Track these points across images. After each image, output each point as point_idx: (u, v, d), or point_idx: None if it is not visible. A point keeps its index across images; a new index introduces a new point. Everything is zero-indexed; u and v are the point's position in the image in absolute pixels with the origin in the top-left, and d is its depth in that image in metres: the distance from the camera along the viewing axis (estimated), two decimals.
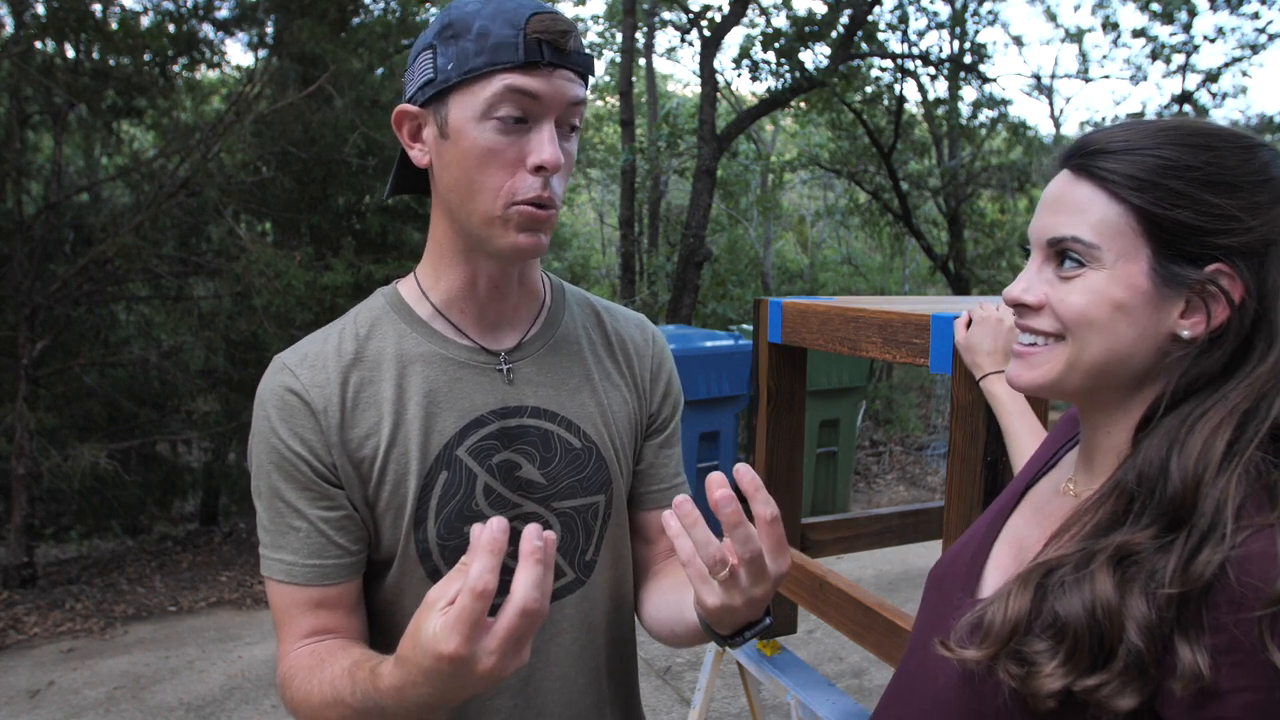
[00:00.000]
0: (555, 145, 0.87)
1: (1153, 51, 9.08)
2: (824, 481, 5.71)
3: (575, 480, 1.00)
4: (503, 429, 0.96)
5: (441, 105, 0.89)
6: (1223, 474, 0.65)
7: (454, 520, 0.93)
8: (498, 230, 0.89)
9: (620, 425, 1.05)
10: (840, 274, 14.02)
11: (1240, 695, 0.59)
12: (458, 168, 0.89)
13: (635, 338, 1.10)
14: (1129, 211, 0.71)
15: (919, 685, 0.83)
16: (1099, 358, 0.73)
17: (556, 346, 1.03)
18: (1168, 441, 0.69)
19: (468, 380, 0.96)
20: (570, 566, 1.01)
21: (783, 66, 7.98)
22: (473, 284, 0.96)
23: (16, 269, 4.29)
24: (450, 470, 0.93)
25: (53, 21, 4.25)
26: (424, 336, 0.96)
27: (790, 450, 2.16)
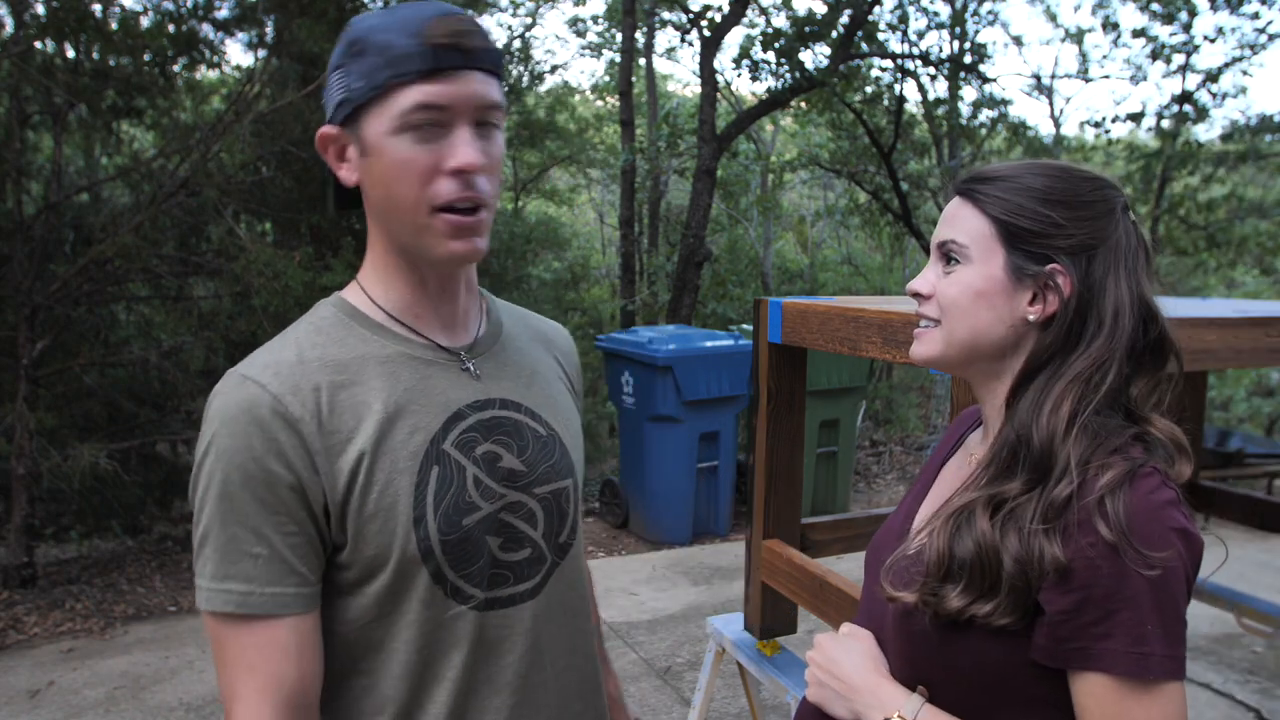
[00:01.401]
0: (472, 146, 0.87)
1: (1153, 51, 9.07)
2: (824, 481, 5.70)
3: (549, 466, 1.02)
4: (480, 421, 0.97)
5: (357, 123, 0.89)
6: (1069, 433, 0.86)
7: (452, 513, 0.93)
8: (429, 240, 0.89)
9: (568, 414, 1.10)
10: (840, 274, 14.01)
11: (1085, 554, 0.81)
12: (381, 183, 0.89)
13: (556, 335, 1.18)
14: (990, 221, 0.93)
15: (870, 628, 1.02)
16: (966, 335, 0.94)
17: (505, 343, 1.06)
18: (1031, 407, 0.89)
19: (438, 378, 0.97)
20: (550, 550, 1.03)
21: (783, 66, 7.97)
22: (422, 289, 0.97)
23: (16, 269, 4.29)
24: (441, 464, 0.93)
25: (53, 21, 4.25)
26: (387, 340, 0.96)
27: (790, 450, 2.16)
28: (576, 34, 14.02)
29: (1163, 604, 0.80)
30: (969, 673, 0.89)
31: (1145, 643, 0.80)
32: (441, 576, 0.93)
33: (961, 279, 0.94)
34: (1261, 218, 9.13)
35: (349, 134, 0.90)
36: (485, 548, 0.96)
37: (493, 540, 0.97)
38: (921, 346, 0.99)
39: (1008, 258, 0.92)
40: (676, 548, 5.21)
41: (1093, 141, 11.52)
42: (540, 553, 1.01)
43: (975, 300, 0.93)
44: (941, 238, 0.97)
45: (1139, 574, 0.80)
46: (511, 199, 14.20)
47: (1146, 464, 0.85)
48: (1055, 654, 0.84)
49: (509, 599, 0.98)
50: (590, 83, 18.05)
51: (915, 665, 0.94)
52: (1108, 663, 0.81)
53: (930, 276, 0.98)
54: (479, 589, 0.95)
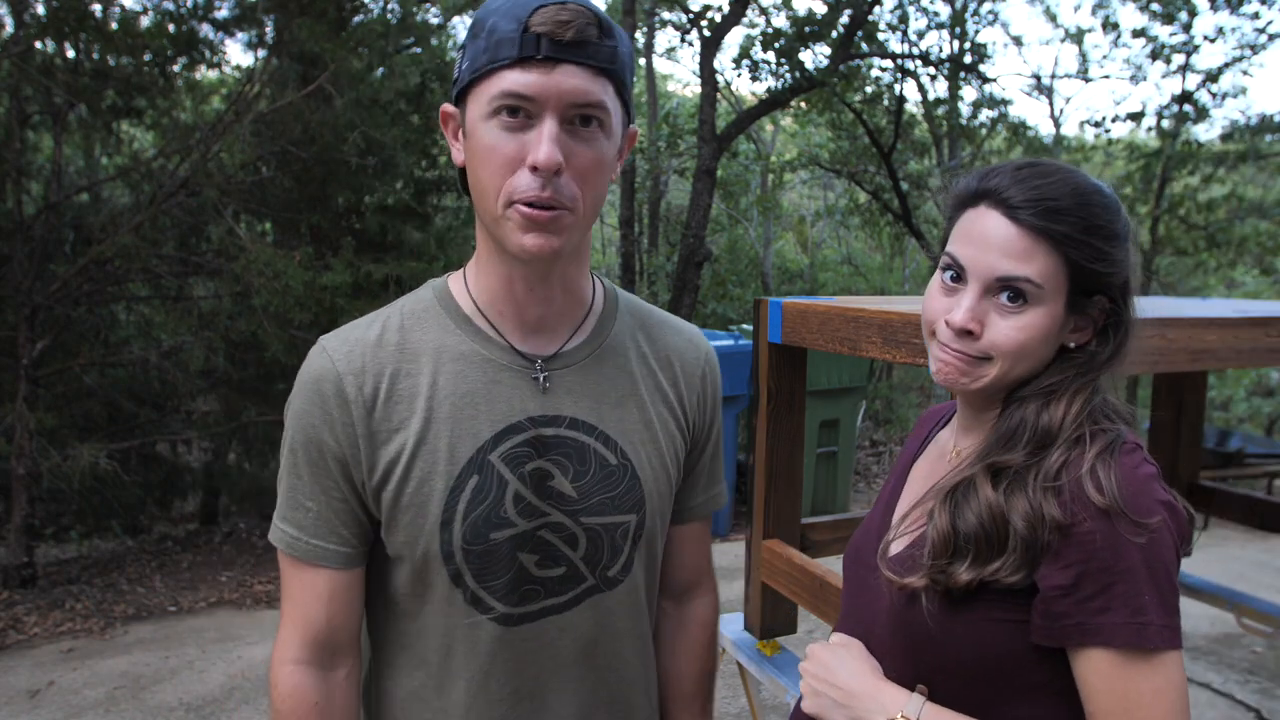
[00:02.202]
0: (553, 144, 0.83)
1: (1153, 51, 9.07)
2: (824, 481, 5.70)
3: (607, 497, 0.97)
4: (538, 437, 0.94)
5: (464, 104, 0.89)
6: (1077, 418, 0.90)
7: (480, 525, 0.92)
8: (504, 230, 0.87)
9: (662, 444, 1.02)
10: (840, 274, 14.02)
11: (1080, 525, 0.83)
12: (473, 168, 0.88)
13: (686, 353, 1.07)
14: (1064, 263, 0.89)
15: (860, 628, 1.02)
16: (1023, 373, 0.93)
17: (602, 357, 1.00)
18: (1039, 407, 0.91)
19: (506, 384, 0.94)
20: (590, 573, 0.99)
21: (783, 66, 7.98)
22: (509, 285, 0.94)
23: (16, 269, 4.29)
24: (481, 474, 0.92)
25: (53, 21, 4.25)
26: (467, 334, 0.95)
27: (790, 450, 2.16)
28: None
29: (1156, 573, 0.82)
30: (969, 663, 0.89)
31: (1144, 613, 0.81)
32: (461, 581, 0.93)
33: (1033, 324, 0.90)
34: (1261, 218, 9.13)
35: (460, 113, 0.90)
36: (515, 563, 0.94)
37: (527, 556, 0.95)
38: (965, 378, 0.93)
39: (1070, 295, 0.91)
40: None
41: (1093, 141, 11.53)
42: (577, 572, 0.98)
43: (1042, 343, 0.91)
44: (1008, 273, 0.89)
45: (1133, 544, 0.81)
46: None
47: (1124, 437, 0.89)
48: (1054, 632, 0.85)
49: (539, 613, 0.97)
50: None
51: (914, 661, 0.93)
52: (1107, 636, 0.82)
53: (977, 312, 0.91)
54: (502, 603, 0.95)
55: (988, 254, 0.90)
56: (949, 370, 0.94)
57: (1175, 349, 1.61)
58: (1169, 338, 1.60)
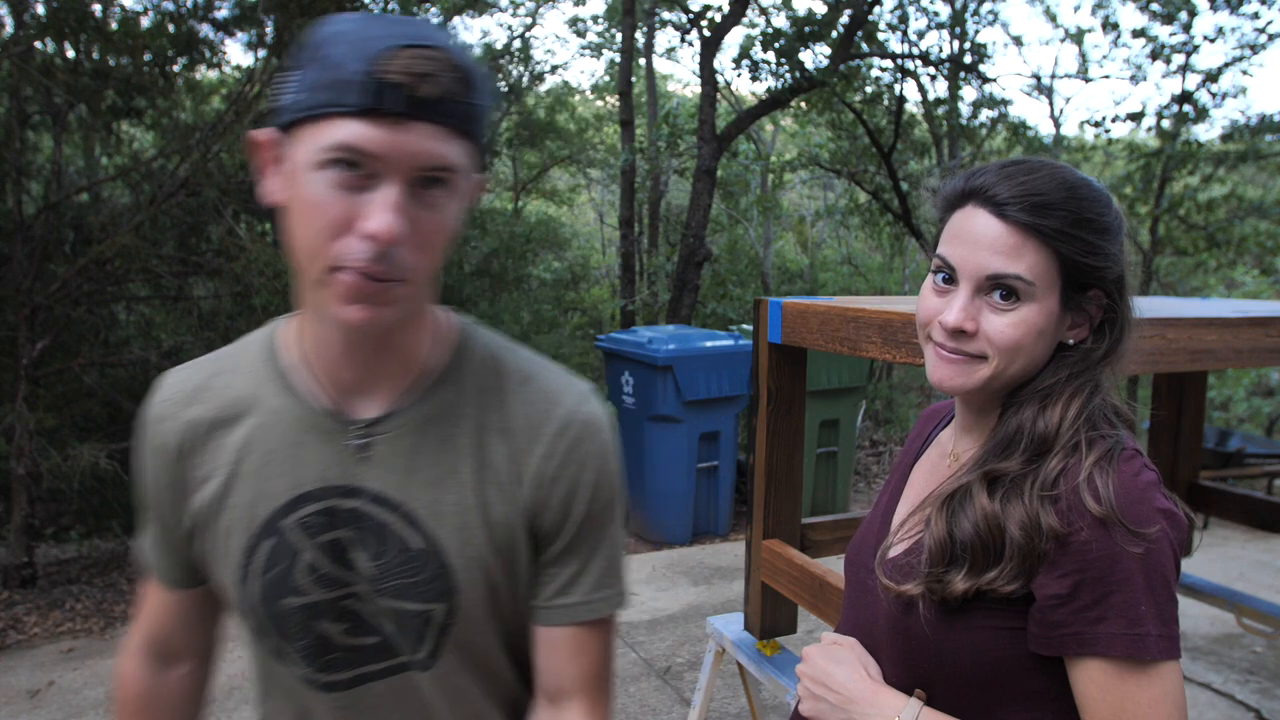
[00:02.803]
0: (394, 213, 0.72)
1: (1153, 51, 9.06)
2: (824, 481, 5.70)
3: (406, 583, 0.86)
4: (333, 508, 0.86)
5: (289, 139, 0.76)
6: (1075, 421, 0.89)
7: (271, 590, 0.88)
8: (324, 297, 0.76)
9: (487, 531, 0.86)
10: (840, 274, 14.01)
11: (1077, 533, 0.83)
12: (294, 217, 0.76)
13: (540, 425, 0.87)
14: (1054, 257, 0.89)
15: (860, 637, 1.01)
16: (1019, 371, 0.92)
17: (425, 427, 0.86)
18: (1038, 409, 0.91)
19: (311, 447, 0.86)
20: (410, 649, 0.90)
21: (783, 66, 7.97)
22: (327, 344, 0.85)
23: (16, 269, 4.29)
24: (275, 539, 0.87)
25: (53, 21, 4.25)
26: (281, 389, 0.88)
27: (790, 450, 2.16)
28: (576, 34, 14.02)
29: (1154, 583, 0.82)
30: (967, 669, 0.89)
31: (1141, 623, 0.81)
32: (266, 634, 0.91)
33: (1026, 320, 0.89)
34: (1261, 218, 9.12)
35: (285, 145, 0.77)
36: (314, 632, 0.88)
37: (330, 625, 0.88)
38: (960, 377, 0.92)
39: (1064, 291, 0.91)
40: (676, 548, 5.21)
41: (1093, 141, 11.52)
42: (392, 643, 0.89)
43: (1036, 339, 0.91)
44: (998, 270, 0.89)
45: (1130, 553, 0.81)
46: (511, 199, 14.20)
47: (1125, 445, 0.88)
48: (1051, 641, 0.84)
49: (347, 682, 0.91)
50: (590, 83, 18.04)
51: (911, 666, 0.93)
52: (1104, 646, 0.82)
53: (970, 310, 0.91)
54: (308, 667, 0.91)
55: (978, 253, 0.90)
56: (944, 372, 0.94)
57: (1175, 349, 1.61)
58: (1169, 338, 1.60)
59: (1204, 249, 9.16)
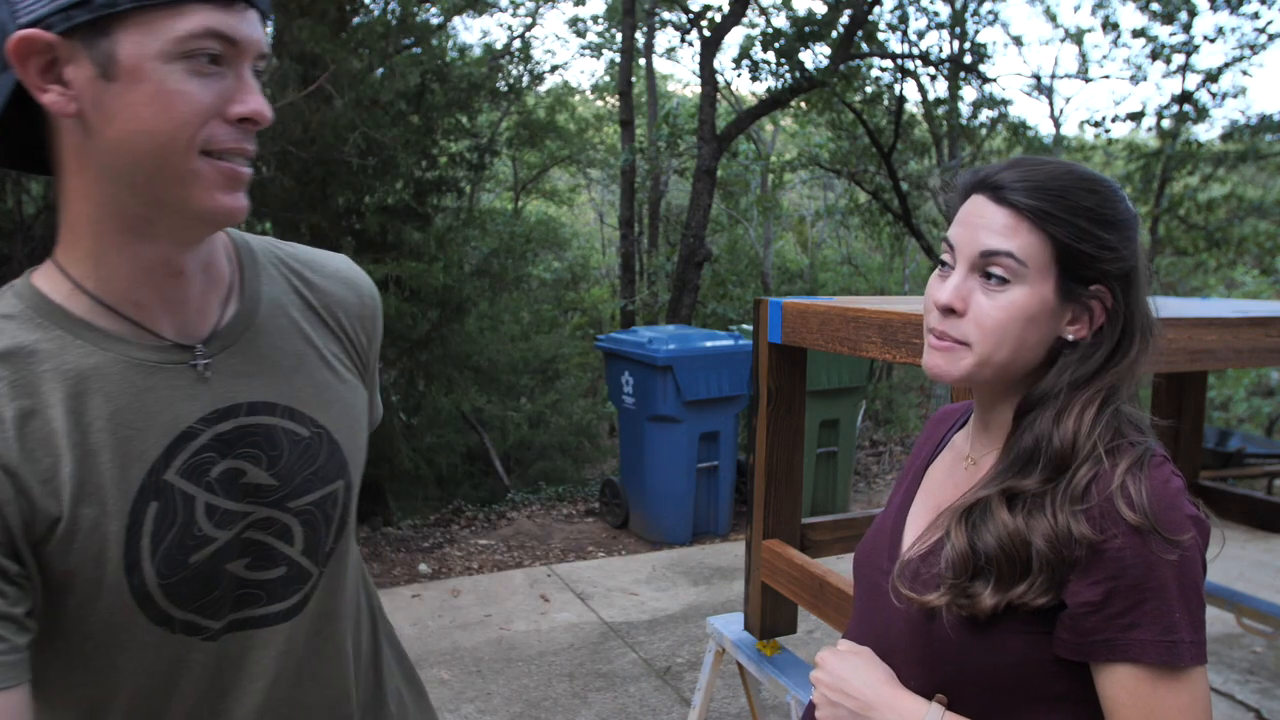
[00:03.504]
0: (260, 96, 0.75)
1: (1153, 51, 9.06)
2: (824, 481, 5.70)
3: (310, 473, 0.86)
4: (218, 436, 0.81)
5: (101, 38, 0.69)
6: (1092, 433, 0.87)
7: (175, 553, 0.79)
8: (193, 191, 0.74)
9: (346, 399, 0.91)
10: (840, 274, 14.03)
11: (1111, 540, 0.82)
12: (134, 117, 0.71)
13: (346, 298, 0.95)
14: (1047, 240, 0.88)
15: (873, 640, 0.99)
16: (1005, 358, 0.90)
17: (261, 326, 0.86)
18: (1053, 417, 0.89)
19: (161, 389, 0.78)
20: (313, 563, 0.89)
21: (783, 66, 7.97)
22: (149, 266, 0.78)
23: (16, 269, 4.29)
24: (161, 499, 0.78)
25: None
26: (91, 342, 0.77)
27: (790, 450, 2.16)
28: (576, 34, 14.02)
29: (1186, 591, 0.82)
30: (990, 673, 0.89)
31: (1174, 631, 0.81)
32: (166, 619, 0.80)
33: (1014, 302, 0.88)
34: (1261, 218, 9.13)
35: (79, 49, 0.70)
36: (223, 576, 0.82)
37: (236, 564, 0.83)
38: (946, 364, 0.92)
39: (1060, 280, 0.89)
40: (676, 548, 5.21)
41: (1093, 141, 11.53)
42: (299, 570, 0.87)
43: (1025, 325, 0.89)
44: (989, 246, 0.89)
45: (1164, 561, 0.81)
46: (511, 199, 14.21)
47: (1154, 451, 0.87)
48: (1081, 648, 0.84)
49: (259, 620, 0.86)
50: (590, 83, 18.06)
51: (933, 670, 0.92)
52: (1136, 652, 0.81)
53: (963, 290, 0.91)
54: (216, 619, 0.83)
55: (974, 232, 0.91)
56: (932, 360, 0.94)
57: (1175, 349, 1.61)
58: (1169, 338, 1.60)
59: (1204, 249, 9.17)
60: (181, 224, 0.77)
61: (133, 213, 0.76)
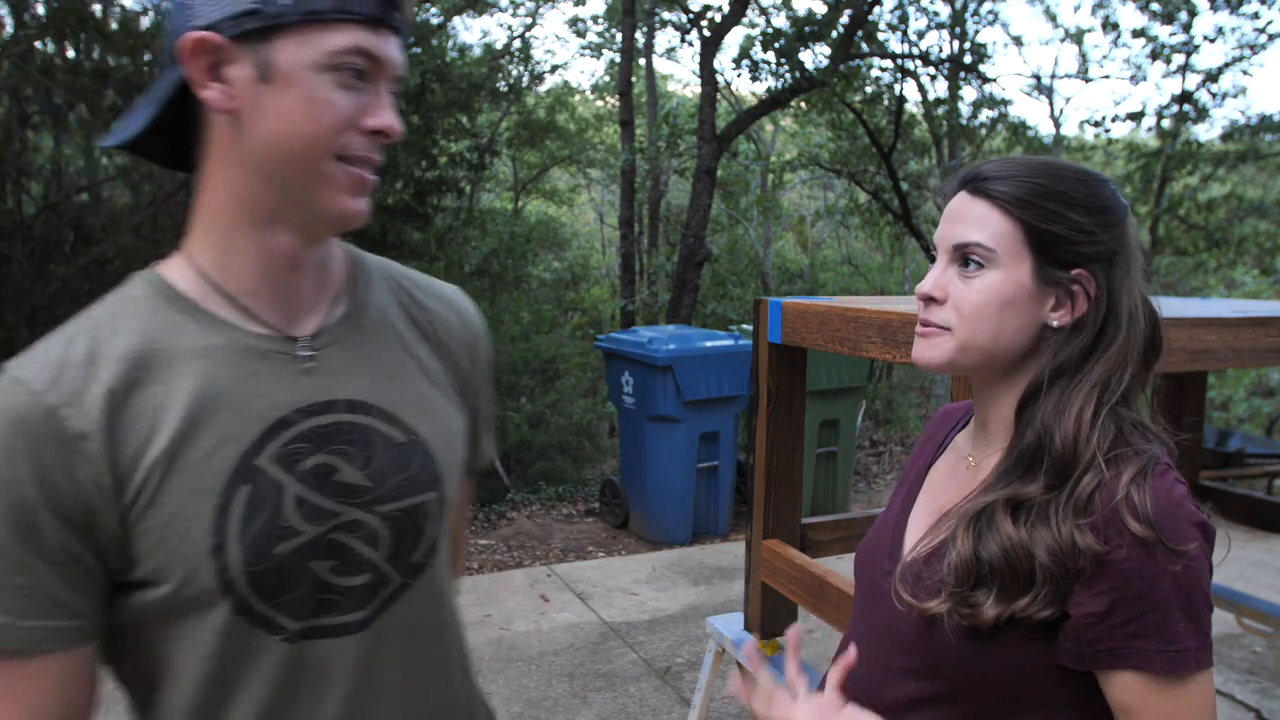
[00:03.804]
0: (394, 111, 0.82)
1: (1153, 51, 9.07)
2: (824, 481, 5.71)
3: (402, 479, 0.87)
4: (313, 429, 0.83)
5: (265, 44, 0.77)
6: (1092, 434, 0.87)
7: (261, 541, 0.80)
8: (323, 192, 0.80)
9: (442, 414, 0.93)
10: (840, 274, 14.03)
11: (1116, 551, 0.82)
12: (283, 118, 0.78)
13: (450, 320, 0.98)
14: (1018, 225, 0.90)
15: (874, 641, 0.99)
16: (986, 343, 0.91)
17: (366, 329, 0.90)
18: (1053, 412, 0.89)
19: (265, 375, 0.82)
20: (398, 572, 0.88)
21: (783, 66, 7.97)
22: (269, 258, 0.83)
23: (16, 269, 4.29)
24: (253, 483, 0.80)
25: (53, 21, 4.25)
26: (203, 326, 0.81)
27: (790, 450, 2.16)
28: (576, 34, 14.03)
29: (1191, 599, 0.82)
30: (991, 680, 0.89)
31: (1178, 640, 0.81)
32: (247, 609, 0.80)
33: (988, 285, 0.90)
34: (1261, 218, 9.13)
35: (244, 52, 0.77)
36: (308, 574, 0.83)
37: (320, 565, 0.83)
38: (931, 351, 0.94)
39: (1036, 264, 0.90)
40: (676, 548, 5.21)
41: (1093, 141, 11.53)
42: (382, 577, 0.87)
43: (1002, 308, 0.90)
44: (961, 239, 0.92)
45: (1169, 573, 0.81)
46: (511, 199, 14.21)
47: (1157, 458, 0.87)
48: (1084, 657, 0.84)
49: (337, 628, 0.85)
50: (590, 83, 18.06)
51: (933, 675, 0.92)
52: (1140, 660, 0.82)
53: (942, 280, 0.93)
54: (295, 619, 0.83)
55: (952, 226, 0.94)
56: (917, 349, 0.96)
57: (1175, 349, 1.61)
58: (1169, 338, 1.60)
59: (1204, 249, 9.17)
60: (309, 221, 0.83)
61: (266, 207, 0.81)
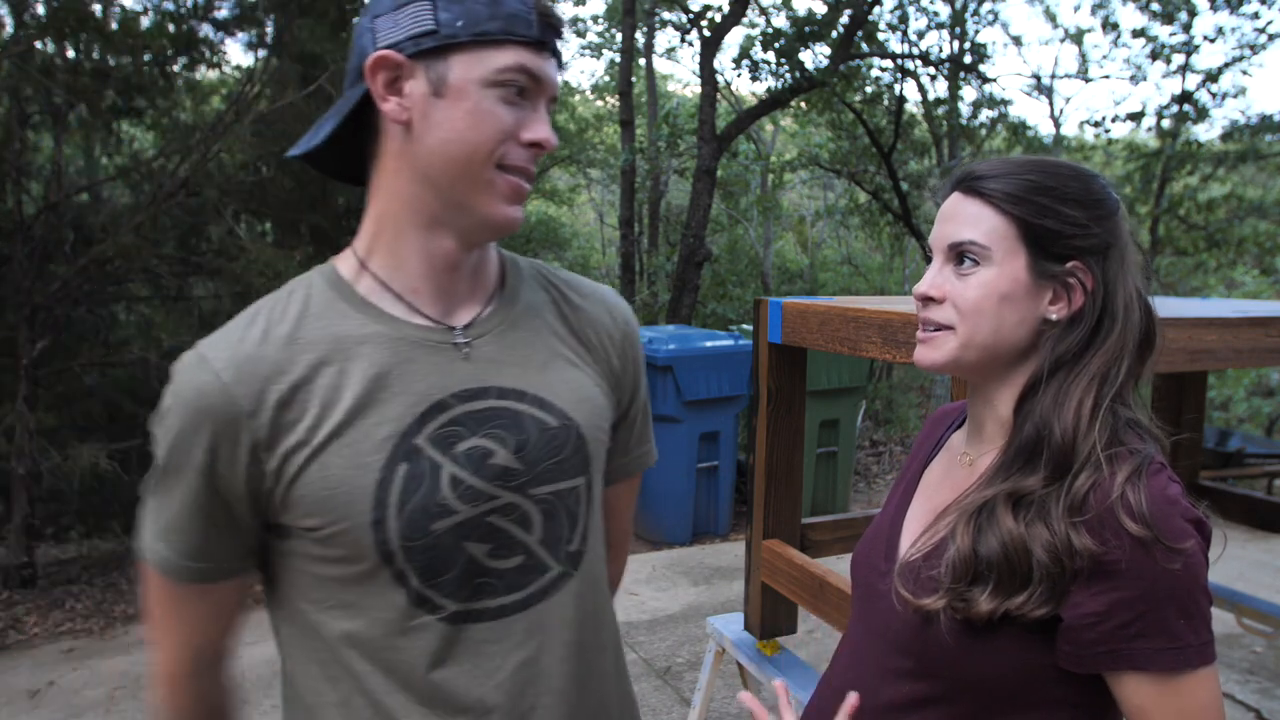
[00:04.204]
0: (550, 127, 0.88)
1: (1153, 51, 9.07)
2: (824, 481, 5.70)
3: (554, 463, 0.92)
4: (468, 413, 0.88)
5: (439, 61, 0.84)
6: (1091, 428, 0.87)
7: (418, 517, 0.85)
8: (484, 197, 0.87)
9: (594, 404, 0.98)
10: (840, 274, 14.02)
11: (1114, 552, 0.81)
12: (451, 129, 0.85)
13: (601, 318, 1.03)
14: (1011, 221, 0.91)
15: (871, 642, 0.99)
16: (987, 339, 0.92)
17: (517, 322, 0.96)
18: (1052, 405, 0.89)
19: (422, 361, 0.88)
20: (554, 559, 0.93)
21: (783, 66, 7.97)
22: (431, 259, 0.90)
23: (16, 269, 4.29)
24: (411, 461, 0.85)
25: (53, 21, 4.25)
26: (369, 317, 0.89)
27: (790, 450, 2.16)
28: (576, 34, 14.02)
29: (1191, 596, 0.82)
30: (988, 678, 0.88)
31: (1179, 638, 0.81)
32: (405, 581, 0.86)
33: (984, 281, 0.91)
34: (1261, 218, 9.13)
35: (421, 68, 0.85)
36: (463, 555, 0.87)
37: (477, 547, 0.88)
38: (932, 352, 0.95)
39: (1030, 258, 0.91)
40: (676, 548, 5.21)
41: (1093, 141, 11.53)
42: (537, 561, 0.92)
43: (999, 303, 0.91)
44: (955, 238, 0.93)
45: (1167, 571, 0.81)
46: None
47: (1152, 458, 0.87)
48: (1084, 659, 0.84)
49: (495, 611, 0.89)
50: (590, 83, 18.05)
51: (929, 674, 0.92)
52: (1142, 661, 0.82)
53: (938, 280, 0.94)
54: (452, 599, 0.88)
55: (946, 226, 0.95)
56: (919, 351, 0.97)
57: (1175, 349, 1.61)
58: (1169, 338, 1.60)
59: (1204, 249, 9.17)
60: (469, 225, 0.89)
61: (431, 211, 0.88)
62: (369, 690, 0.88)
